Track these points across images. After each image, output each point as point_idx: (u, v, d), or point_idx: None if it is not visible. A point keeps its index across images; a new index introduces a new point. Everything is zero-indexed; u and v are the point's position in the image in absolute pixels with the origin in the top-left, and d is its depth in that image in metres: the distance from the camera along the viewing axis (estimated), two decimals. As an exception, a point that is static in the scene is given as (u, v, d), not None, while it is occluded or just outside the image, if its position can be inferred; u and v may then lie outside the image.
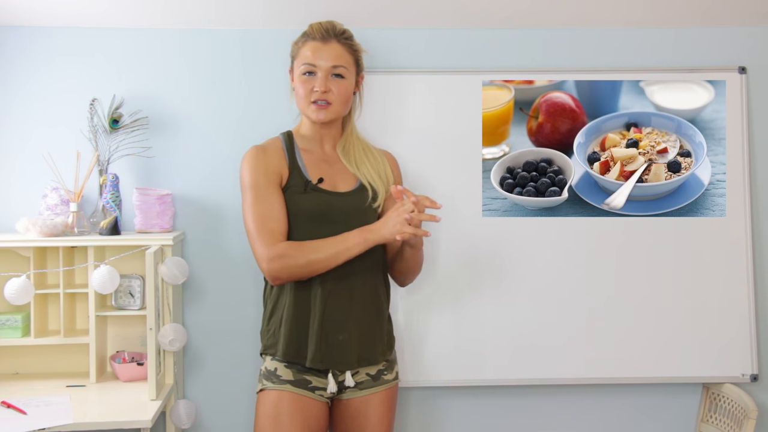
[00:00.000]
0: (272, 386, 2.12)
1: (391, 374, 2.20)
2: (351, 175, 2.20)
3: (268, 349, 2.15)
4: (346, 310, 2.10)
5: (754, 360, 2.58)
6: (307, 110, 2.16)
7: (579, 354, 2.56)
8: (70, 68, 2.55)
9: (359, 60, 2.22)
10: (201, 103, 2.59)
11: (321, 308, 2.09)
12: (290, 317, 2.10)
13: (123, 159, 2.53)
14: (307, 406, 2.11)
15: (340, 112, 2.18)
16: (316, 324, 2.08)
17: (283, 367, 2.12)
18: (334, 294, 2.09)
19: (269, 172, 2.12)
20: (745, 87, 2.61)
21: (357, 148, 2.24)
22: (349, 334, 2.10)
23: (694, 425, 2.68)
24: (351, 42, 2.19)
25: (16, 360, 2.53)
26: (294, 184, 2.13)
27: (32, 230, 2.37)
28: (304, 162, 2.17)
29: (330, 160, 2.21)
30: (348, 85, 2.17)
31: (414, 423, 2.64)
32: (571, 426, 2.68)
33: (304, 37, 2.18)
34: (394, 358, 2.25)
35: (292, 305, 2.10)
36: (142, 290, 2.48)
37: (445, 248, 2.56)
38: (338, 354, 2.09)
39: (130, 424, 2.15)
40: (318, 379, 2.12)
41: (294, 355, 2.10)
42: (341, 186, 2.17)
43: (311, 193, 2.13)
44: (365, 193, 2.17)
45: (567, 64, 2.63)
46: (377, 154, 2.27)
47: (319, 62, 2.13)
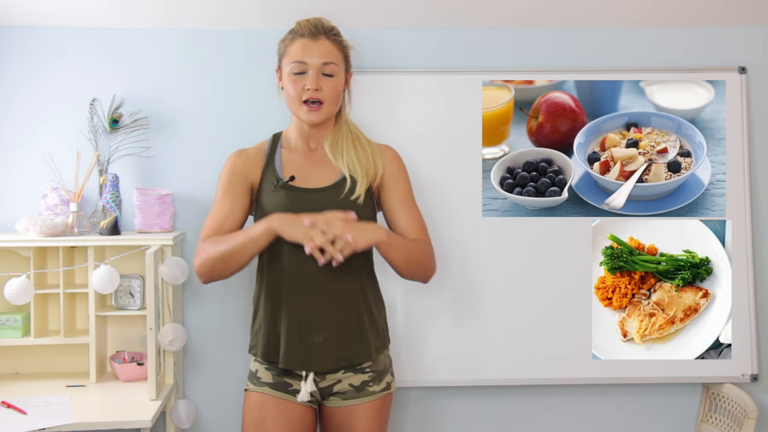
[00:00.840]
0: (253, 388, 2.11)
1: (378, 385, 2.11)
2: (336, 170, 2.13)
3: (252, 348, 2.15)
4: (323, 312, 2.05)
5: (754, 360, 2.58)
6: (299, 111, 2.10)
7: (579, 354, 2.56)
8: (70, 68, 2.56)
9: (348, 57, 2.17)
10: (201, 103, 2.59)
11: (294, 308, 2.04)
12: (267, 316, 2.08)
13: (123, 159, 2.53)
14: (292, 410, 2.09)
15: (331, 112, 2.13)
16: (286, 324, 2.04)
17: (264, 368, 2.11)
18: (309, 295, 2.04)
19: (234, 176, 2.12)
20: (745, 87, 2.61)
21: (346, 139, 2.16)
22: (325, 336, 2.04)
23: (694, 425, 2.68)
24: (340, 38, 2.14)
25: (16, 360, 2.53)
26: (266, 184, 2.11)
27: (32, 230, 2.37)
28: (282, 161, 2.14)
29: (314, 157, 2.16)
30: (338, 82, 2.12)
31: (413, 423, 2.64)
32: (571, 426, 2.68)
33: (291, 34, 2.12)
34: (383, 368, 2.14)
35: (268, 306, 2.08)
36: (142, 290, 2.48)
37: (445, 248, 2.56)
38: (315, 355, 2.04)
39: (130, 424, 2.15)
40: (297, 382, 2.08)
41: (272, 355, 2.08)
42: (319, 182, 2.11)
43: (280, 190, 2.09)
44: (344, 186, 2.10)
45: (567, 64, 2.63)
46: (367, 144, 2.18)
47: (309, 59, 2.07)
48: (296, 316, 2.04)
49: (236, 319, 2.59)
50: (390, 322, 2.55)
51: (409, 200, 2.19)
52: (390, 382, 2.16)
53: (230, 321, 2.59)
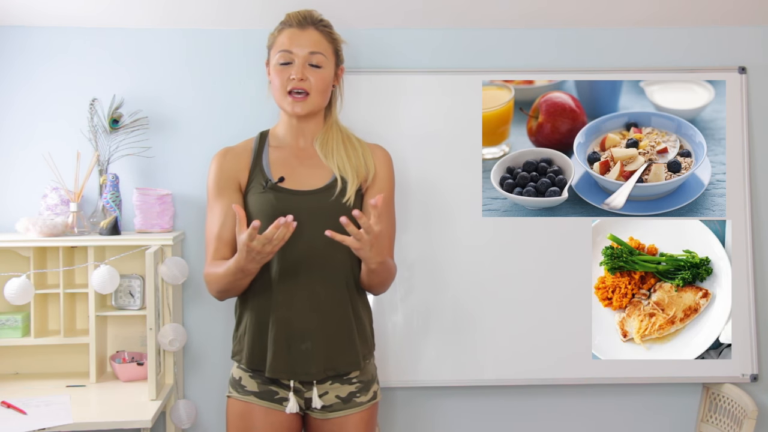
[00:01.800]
0: (237, 396, 2.04)
1: (365, 396, 2.05)
2: (327, 171, 2.06)
3: (235, 355, 2.07)
4: (310, 320, 1.98)
5: (754, 360, 2.58)
6: (284, 102, 2.05)
7: (579, 353, 2.56)
8: (70, 68, 2.56)
9: (339, 50, 2.11)
10: (201, 103, 2.59)
11: (282, 317, 1.98)
12: (252, 324, 2.02)
13: (123, 159, 2.53)
14: (278, 419, 2.02)
15: (317, 104, 2.06)
16: (274, 331, 1.98)
17: (248, 377, 2.04)
18: (297, 303, 1.98)
19: (223, 178, 2.06)
20: (745, 87, 2.61)
21: (336, 139, 2.10)
22: (312, 344, 1.98)
23: (694, 425, 2.68)
24: (330, 30, 2.09)
25: (16, 360, 2.53)
26: (255, 184, 2.05)
27: (32, 230, 2.37)
28: (270, 160, 2.08)
29: (303, 156, 2.09)
30: (326, 75, 2.05)
31: (414, 423, 2.64)
32: (571, 426, 2.68)
33: (281, 25, 2.09)
34: (370, 378, 2.08)
35: (254, 313, 2.02)
36: (142, 290, 2.48)
37: (445, 248, 2.56)
38: (301, 364, 1.97)
39: (130, 424, 2.15)
40: (284, 390, 2.02)
41: (257, 363, 2.01)
42: (310, 183, 2.04)
43: (269, 192, 2.02)
44: (334, 189, 2.03)
45: (567, 64, 2.63)
46: (358, 144, 2.12)
47: (295, 49, 2.02)
48: (284, 325, 1.98)
49: (236, 319, 2.59)
50: (390, 322, 2.56)
51: (390, 207, 2.12)
52: (376, 391, 2.10)
53: (230, 321, 2.57)
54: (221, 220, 2.04)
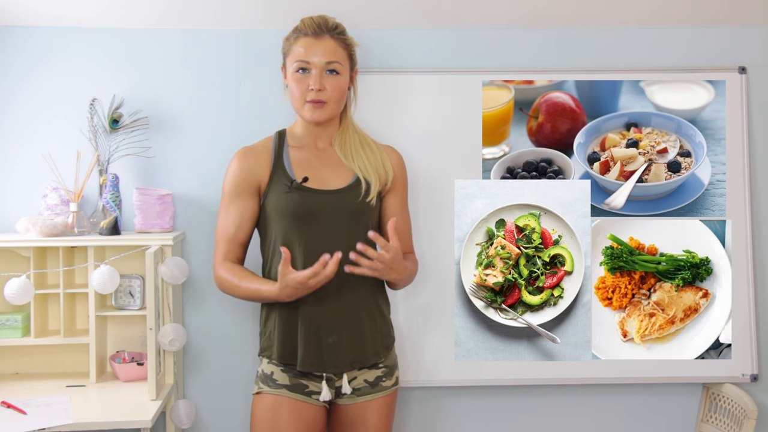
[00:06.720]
0: (269, 390, 2.10)
1: (390, 380, 2.18)
2: (347, 171, 2.15)
3: (264, 351, 2.15)
4: (336, 313, 2.08)
5: (754, 360, 2.58)
6: (302, 110, 2.11)
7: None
8: (70, 68, 2.55)
9: (353, 54, 2.17)
10: (201, 103, 2.59)
11: (309, 311, 2.07)
12: (282, 320, 2.10)
13: (123, 159, 2.53)
14: (306, 412, 2.09)
15: (335, 111, 2.13)
16: (304, 327, 2.07)
17: (280, 371, 2.11)
18: (324, 297, 2.06)
19: (242, 179, 2.13)
20: (745, 87, 2.61)
21: (354, 140, 2.18)
22: (339, 337, 2.07)
23: (694, 425, 2.68)
24: (344, 36, 2.14)
25: (16, 360, 2.53)
26: (277, 184, 2.11)
27: (32, 230, 2.37)
28: (291, 161, 2.14)
29: (323, 157, 2.16)
30: (343, 81, 2.12)
31: (415, 423, 2.64)
32: (571, 426, 2.67)
33: (295, 33, 2.13)
34: (393, 363, 2.21)
35: (284, 310, 2.09)
36: (142, 290, 2.48)
37: (445, 248, 2.56)
38: (329, 357, 2.07)
39: (130, 424, 2.15)
40: (314, 383, 2.10)
41: (289, 358, 2.09)
42: (333, 183, 2.12)
43: (294, 192, 2.09)
44: (358, 189, 2.12)
45: (567, 64, 2.63)
46: (375, 147, 2.21)
47: (312, 59, 2.08)
48: (314, 321, 2.07)
49: (236, 318, 2.58)
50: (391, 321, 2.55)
51: (405, 207, 2.26)
52: (398, 377, 2.23)
53: (230, 321, 2.59)
54: (237, 222, 2.13)
